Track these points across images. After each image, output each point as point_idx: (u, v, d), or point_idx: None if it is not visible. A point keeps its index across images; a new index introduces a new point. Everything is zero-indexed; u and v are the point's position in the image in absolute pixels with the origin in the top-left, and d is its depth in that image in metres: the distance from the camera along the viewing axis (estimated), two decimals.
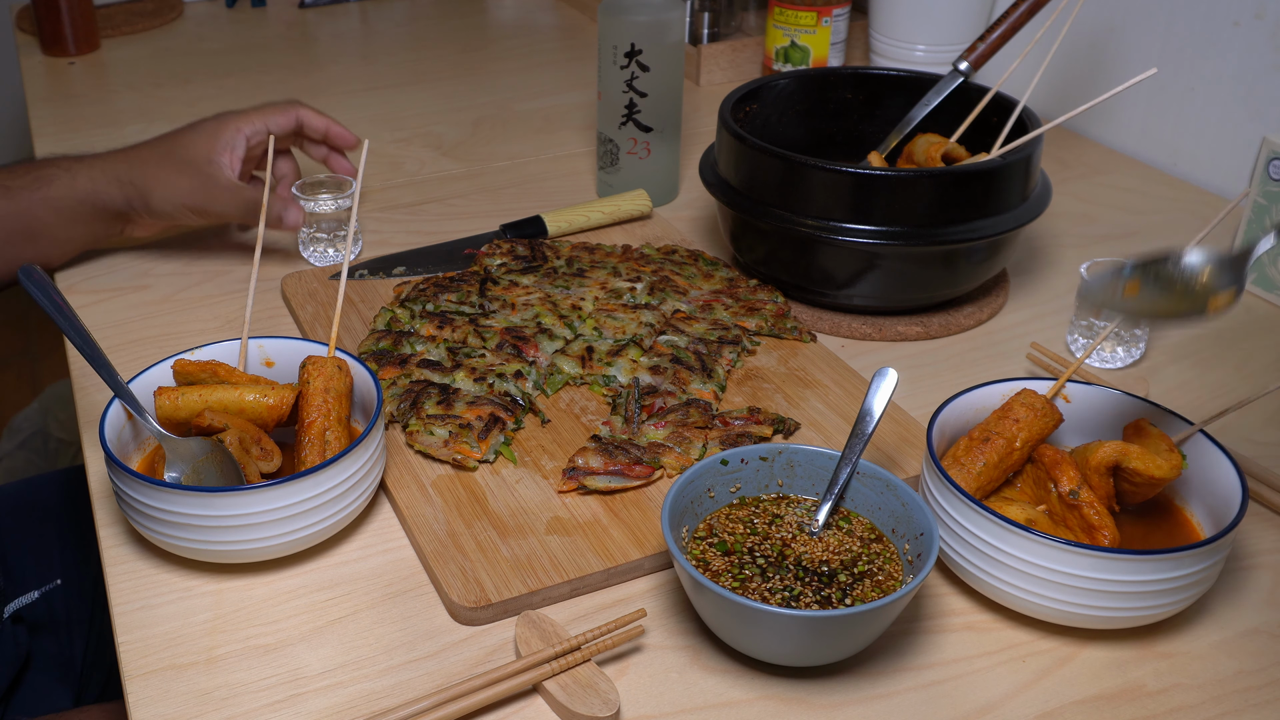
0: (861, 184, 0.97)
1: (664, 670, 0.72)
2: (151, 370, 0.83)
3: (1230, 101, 1.31)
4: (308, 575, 0.79)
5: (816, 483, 0.79)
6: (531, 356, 0.97)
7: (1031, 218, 1.02)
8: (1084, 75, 1.45)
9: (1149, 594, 0.70)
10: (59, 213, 1.06)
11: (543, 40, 1.85)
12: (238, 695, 0.70)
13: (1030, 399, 0.79)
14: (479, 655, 0.73)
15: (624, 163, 1.24)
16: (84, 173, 1.06)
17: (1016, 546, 0.70)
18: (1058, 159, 1.41)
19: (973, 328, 1.07)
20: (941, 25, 1.47)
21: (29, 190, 1.05)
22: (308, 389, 0.81)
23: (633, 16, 1.16)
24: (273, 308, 1.08)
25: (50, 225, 1.06)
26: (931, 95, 1.16)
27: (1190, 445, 0.78)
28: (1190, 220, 1.27)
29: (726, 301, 1.05)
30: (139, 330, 1.05)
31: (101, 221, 1.08)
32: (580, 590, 0.77)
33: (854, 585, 0.72)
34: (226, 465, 0.77)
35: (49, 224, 1.06)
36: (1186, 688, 0.71)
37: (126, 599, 0.77)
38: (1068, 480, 0.76)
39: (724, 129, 1.06)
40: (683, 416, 0.90)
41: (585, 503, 0.83)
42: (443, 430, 0.87)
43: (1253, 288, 1.13)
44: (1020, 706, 0.70)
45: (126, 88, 1.61)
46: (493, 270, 1.10)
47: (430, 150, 1.43)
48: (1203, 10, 1.31)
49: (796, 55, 1.53)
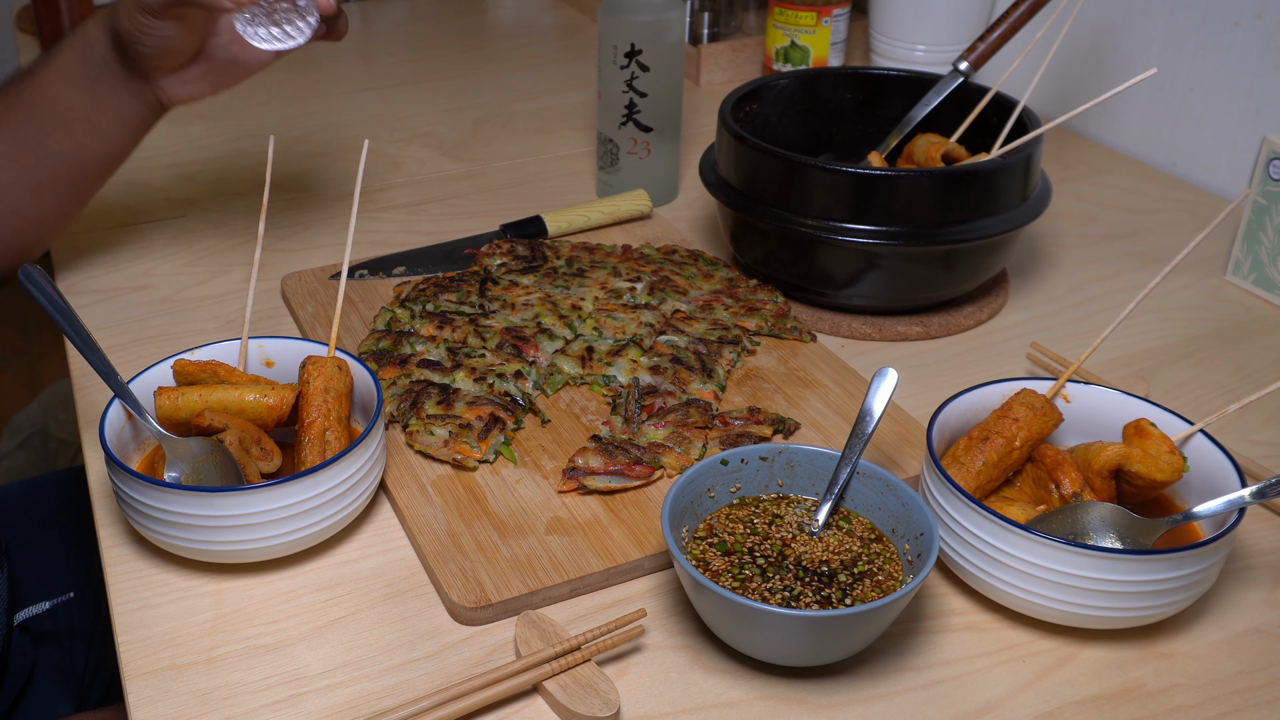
0: (861, 184, 0.97)
1: (664, 670, 0.72)
2: (151, 370, 0.83)
3: (1230, 101, 1.31)
4: (308, 575, 0.79)
5: (816, 483, 0.79)
6: (531, 356, 0.97)
7: (1031, 218, 1.02)
8: (1084, 75, 1.45)
9: (1149, 594, 0.70)
10: (71, 83, 0.99)
11: (543, 40, 1.85)
12: (238, 695, 0.70)
13: (1030, 399, 0.79)
14: (479, 655, 0.73)
15: (624, 163, 1.24)
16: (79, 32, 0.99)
17: (1016, 546, 0.70)
18: (1058, 159, 1.41)
19: (973, 328, 1.07)
20: (941, 25, 1.47)
21: (43, 66, 1.00)
22: (308, 389, 0.81)
23: (633, 16, 1.16)
24: (273, 308, 1.08)
25: (69, 99, 1.00)
26: (931, 95, 1.16)
27: (1190, 445, 0.78)
28: (1190, 220, 1.27)
29: (726, 301, 1.05)
30: (139, 330, 1.05)
31: (112, 84, 0.99)
32: (580, 590, 0.77)
33: (854, 585, 0.72)
34: (226, 465, 0.77)
35: (67, 98, 1.00)
36: (1186, 688, 0.71)
37: (126, 599, 0.77)
38: (1070, 482, 0.76)
39: (724, 129, 1.06)
40: (683, 416, 0.90)
41: (585, 503, 0.83)
42: (443, 430, 0.87)
43: (1252, 287, 1.12)
44: (1020, 706, 0.70)
45: None
46: (493, 270, 1.10)
47: (430, 150, 1.43)
48: (1203, 10, 1.31)
49: (796, 55, 1.53)
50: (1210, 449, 0.77)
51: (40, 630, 1.14)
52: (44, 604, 1.15)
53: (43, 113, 1.01)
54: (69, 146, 1.03)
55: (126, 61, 0.99)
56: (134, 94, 1.01)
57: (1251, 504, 0.72)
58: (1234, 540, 0.74)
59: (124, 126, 1.04)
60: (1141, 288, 0.82)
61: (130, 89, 1.01)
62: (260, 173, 1.32)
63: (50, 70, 1.00)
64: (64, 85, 1.00)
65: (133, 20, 0.95)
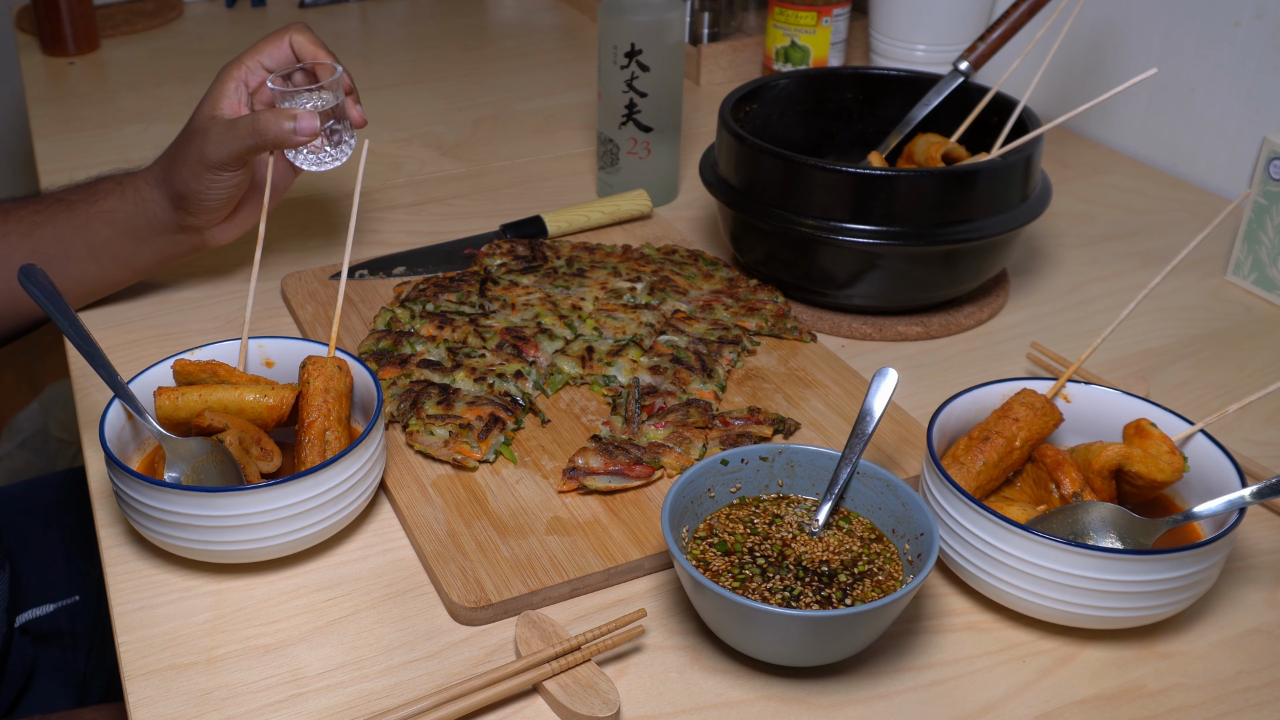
0: (861, 184, 0.97)
1: (664, 670, 0.72)
2: (151, 370, 0.83)
3: (1230, 101, 1.31)
4: (308, 575, 0.79)
5: (816, 483, 0.78)
6: (531, 356, 0.97)
7: (1031, 218, 1.02)
8: (1084, 75, 1.45)
9: (1149, 594, 0.70)
10: (116, 227, 1.00)
11: (543, 40, 1.85)
12: (238, 695, 0.70)
13: (1030, 398, 0.79)
14: (479, 655, 0.73)
15: (624, 163, 1.24)
16: (131, 185, 1.01)
17: (1016, 546, 0.70)
18: (1058, 159, 1.41)
19: (973, 328, 1.07)
20: (941, 25, 1.46)
21: (86, 204, 1.00)
22: (308, 389, 0.81)
23: (633, 16, 1.16)
24: (273, 308, 1.08)
25: (110, 241, 1.01)
26: (931, 95, 1.16)
27: (1190, 445, 0.78)
28: (1190, 220, 1.27)
29: (726, 301, 1.05)
30: (139, 330, 1.05)
31: (159, 234, 1.01)
32: (580, 590, 0.77)
33: (854, 585, 0.72)
34: (226, 465, 0.77)
35: (108, 239, 1.01)
36: (1186, 688, 0.71)
37: (126, 599, 0.77)
38: (1070, 482, 0.76)
39: (724, 129, 1.06)
40: (683, 416, 0.90)
41: (585, 503, 0.83)
42: (443, 430, 0.87)
43: (1252, 287, 1.12)
44: (1020, 706, 0.70)
45: (126, 88, 1.61)
46: (493, 270, 1.10)
47: (430, 150, 1.43)
48: (1203, 10, 1.31)
49: (796, 55, 1.53)
50: (1210, 449, 0.77)
51: (41, 632, 1.14)
52: (47, 606, 1.15)
53: (75, 242, 1.01)
54: (94, 273, 1.03)
55: (183, 219, 1.00)
56: (178, 243, 1.03)
57: (1251, 504, 0.72)
58: (1234, 540, 0.74)
59: (158, 263, 1.05)
60: (1141, 288, 0.82)
61: (177, 239, 1.02)
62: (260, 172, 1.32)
63: (93, 210, 1.00)
64: (108, 228, 1.00)
65: (199, 180, 0.96)
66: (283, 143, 0.94)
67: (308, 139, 0.94)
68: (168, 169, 0.98)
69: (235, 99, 0.98)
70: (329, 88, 0.98)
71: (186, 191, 0.97)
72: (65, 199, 1.01)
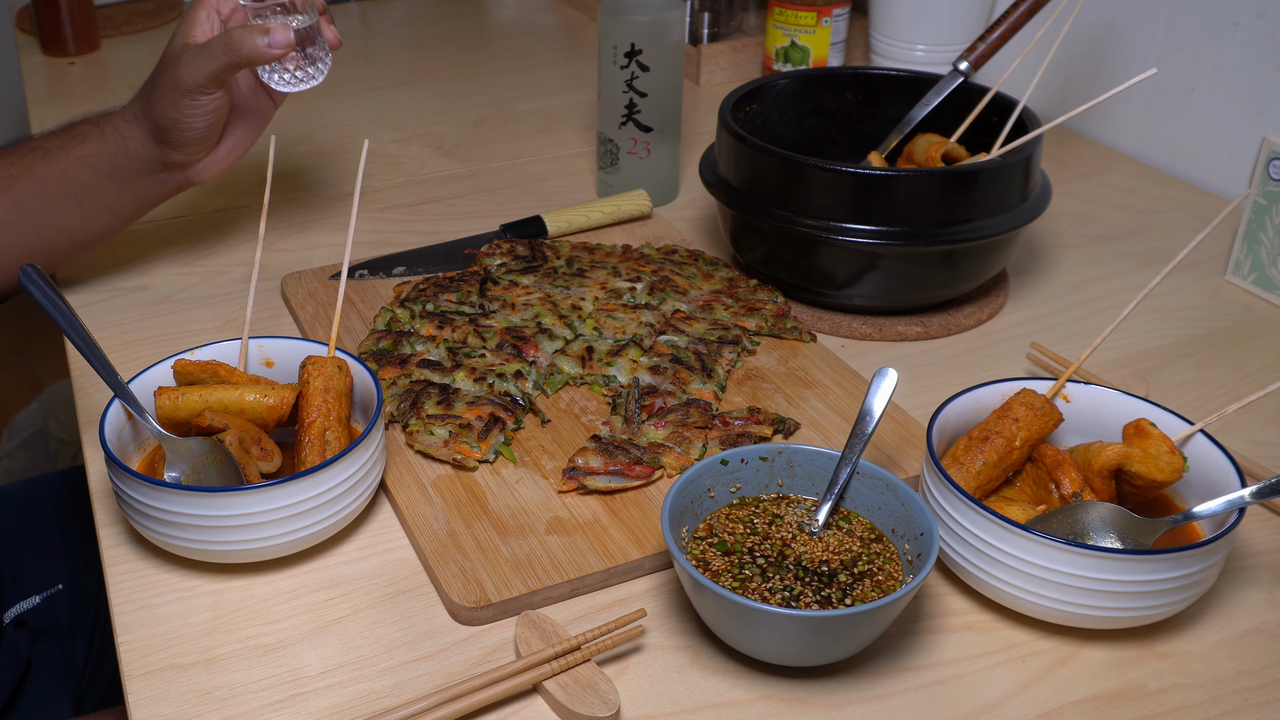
0: (861, 184, 0.97)
1: (664, 670, 0.72)
2: (151, 370, 0.83)
3: (1230, 101, 1.31)
4: (308, 575, 0.79)
5: (816, 483, 0.79)
6: (531, 356, 0.97)
7: (1031, 218, 1.02)
8: (1084, 75, 1.45)
9: (1149, 594, 0.70)
10: (98, 171, 0.99)
11: (543, 40, 1.85)
12: (238, 695, 0.70)
13: (1030, 398, 0.79)
14: (479, 655, 0.73)
15: (624, 163, 1.24)
16: (110, 125, 0.99)
17: (1016, 546, 0.70)
18: (1058, 159, 1.41)
19: (973, 328, 1.07)
20: (941, 25, 1.47)
21: (65, 149, 0.99)
22: (308, 389, 0.81)
23: (633, 16, 1.16)
24: (273, 308, 1.08)
25: (93, 187, 0.99)
26: (931, 95, 1.16)
27: (1190, 445, 0.78)
28: (1190, 220, 1.27)
29: (726, 301, 1.05)
30: (139, 330, 1.05)
31: (142, 174, 1.00)
32: (580, 590, 0.77)
33: (854, 585, 0.72)
34: (226, 465, 0.77)
35: (91, 184, 0.99)
36: (1186, 688, 0.71)
37: (126, 599, 0.77)
38: (1070, 482, 0.76)
39: (724, 129, 1.06)
40: (683, 416, 0.90)
41: (585, 503, 0.83)
42: (443, 430, 0.87)
43: (1252, 287, 1.13)
44: (1020, 706, 0.70)
45: (126, 88, 1.60)
46: (493, 270, 1.10)
47: (430, 150, 1.43)
48: (1203, 10, 1.31)
49: (796, 55, 1.53)
50: (1210, 449, 0.77)
51: (37, 626, 1.14)
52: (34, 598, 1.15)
53: (56, 191, 1.00)
54: (78, 223, 1.02)
55: (166, 154, 0.99)
56: (163, 182, 1.02)
57: (1251, 504, 0.72)
58: (1234, 540, 0.74)
59: (143, 207, 1.04)
60: (1141, 288, 0.82)
61: (161, 178, 1.01)
62: (260, 173, 1.32)
63: (72, 155, 0.99)
64: (89, 172, 0.99)
65: (176, 107, 0.94)
66: (257, 58, 0.92)
67: (283, 52, 0.93)
68: (145, 102, 0.97)
69: (208, 26, 0.97)
70: (302, 8, 0.96)
71: (166, 122, 0.95)
72: (42, 147, 1.00)
